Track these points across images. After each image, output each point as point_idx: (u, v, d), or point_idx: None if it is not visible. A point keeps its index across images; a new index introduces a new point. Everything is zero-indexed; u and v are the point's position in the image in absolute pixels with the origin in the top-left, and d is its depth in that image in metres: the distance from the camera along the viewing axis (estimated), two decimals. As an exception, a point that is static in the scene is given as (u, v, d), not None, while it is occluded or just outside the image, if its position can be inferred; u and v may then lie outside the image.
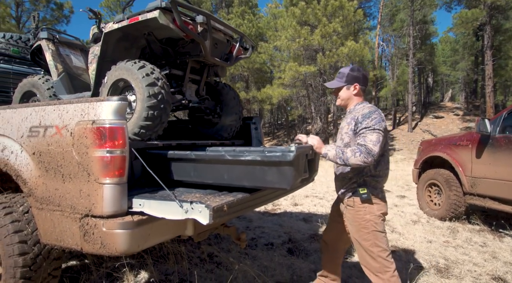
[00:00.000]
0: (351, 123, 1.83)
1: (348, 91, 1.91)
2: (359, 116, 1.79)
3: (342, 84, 1.91)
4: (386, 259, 1.79)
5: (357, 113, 1.83)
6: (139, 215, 1.64)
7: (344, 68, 1.97)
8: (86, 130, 1.62)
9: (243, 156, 1.63)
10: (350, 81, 1.90)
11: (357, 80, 1.89)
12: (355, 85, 1.90)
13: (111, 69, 2.16)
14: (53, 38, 2.70)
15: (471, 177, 3.99)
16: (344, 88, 1.92)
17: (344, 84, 1.91)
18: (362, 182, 1.84)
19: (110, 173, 1.60)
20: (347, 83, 1.90)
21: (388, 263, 1.78)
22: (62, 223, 1.72)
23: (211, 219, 1.41)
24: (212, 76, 2.75)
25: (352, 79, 1.90)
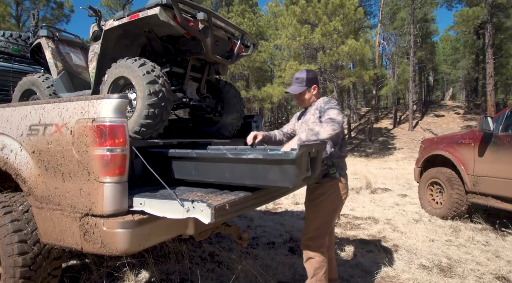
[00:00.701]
0: (316, 113, 2.08)
1: (310, 93, 2.17)
2: (321, 104, 2.08)
3: (304, 88, 2.14)
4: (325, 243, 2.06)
5: (319, 103, 2.12)
6: (140, 214, 1.62)
7: (299, 73, 2.20)
8: (86, 129, 1.60)
9: (245, 154, 1.60)
10: (309, 84, 2.15)
11: (314, 81, 2.17)
12: (313, 86, 2.17)
13: (111, 67, 2.14)
14: (53, 36, 2.67)
15: (474, 176, 3.97)
16: (306, 92, 2.16)
17: (305, 88, 2.15)
18: (331, 163, 2.08)
19: (110, 171, 1.58)
20: (307, 86, 2.15)
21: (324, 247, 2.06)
22: (62, 222, 1.70)
23: (212, 218, 1.39)
24: (213, 74, 2.72)
25: (310, 82, 2.15)
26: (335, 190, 2.06)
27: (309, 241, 2.08)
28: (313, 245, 2.07)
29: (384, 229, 3.76)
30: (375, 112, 24.73)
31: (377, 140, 22.74)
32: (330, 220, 2.10)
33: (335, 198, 2.07)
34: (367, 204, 5.28)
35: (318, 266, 2.02)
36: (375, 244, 3.28)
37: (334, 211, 2.10)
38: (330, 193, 2.06)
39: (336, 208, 2.10)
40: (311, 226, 2.10)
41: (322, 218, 2.07)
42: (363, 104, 34.54)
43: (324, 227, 2.08)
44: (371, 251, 3.10)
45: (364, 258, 2.90)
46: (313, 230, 2.08)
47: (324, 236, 2.08)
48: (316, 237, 2.07)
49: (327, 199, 2.06)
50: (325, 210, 2.07)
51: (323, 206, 2.06)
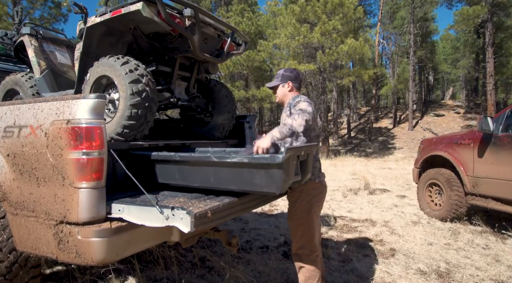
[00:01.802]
0: (287, 110, 2.08)
1: (283, 89, 2.16)
2: (290, 100, 2.09)
3: (277, 82, 2.16)
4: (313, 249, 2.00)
5: (289, 100, 2.11)
6: (118, 222, 1.53)
7: (280, 70, 2.23)
8: (60, 131, 1.51)
9: (229, 157, 1.51)
10: (284, 80, 2.14)
11: (290, 78, 2.15)
12: (288, 82, 2.14)
13: (94, 66, 2.04)
14: (36, 34, 2.58)
15: (473, 177, 3.87)
16: (280, 86, 2.16)
17: (279, 82, 2.15)
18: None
19: (86, 176, 1.49)
20: (282, 81, 2.15)
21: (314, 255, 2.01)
22: (37, 229, 1.61)
23: (192, 227, 1.30)
24: (203, 73, 2.63)
25: (285, 78, 2.15)
26: (307, 193, 1.99)
27: (298, 251, 2.02)
28: (302, 254, 2.00)
29: (381, 232, 3.67)
30: (375, 111, 24.62)
31: (377, 140, 22.64)
32: (310, 224, 2.01)
33: (307, 201, 1.99)
34: (365, 205, 5.19)
35: (309, 275, 1.94)
36: (371, 247, 3.19)
37: (310, 214, 2.01)
38: (303, 198, 1.99)
39: (310, 211, 2.00)
40: (296, 236, 2.04)
41: (302, 225, 2.00)
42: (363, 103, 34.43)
43: (308, 233, 2.01)
44: (368, 255, 3.01)
45: (360, 263, 2.81)
46: (299, 239, 2.02)
47: (311, 242, 2.01)
48: (303, 245, 2.00)
49: (300, 204, 2.00)
50: (301, 216, 2.00)
51: (299, 212, 2.00)
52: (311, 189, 2.00)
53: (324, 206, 5.07)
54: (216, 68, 2.59)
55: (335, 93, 22.06)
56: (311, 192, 2.00)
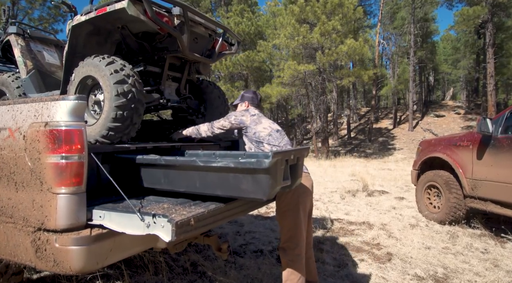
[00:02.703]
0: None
1: (241, 107, 2.42)
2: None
3: (237, 102, 2.47)
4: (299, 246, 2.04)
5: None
6: (99, 228, 1.47)
7: (244, 91, 2.52)
8: (38, 133, 1.45)
9: (215, 162, 1.45)
10: (242, 100, 2.44)
11: (247, 99, 2.42)
12: (245, 102, 2.42)
13: (79, 65, 1.98)
14: (23, 33, 2.52)
15: (472, 179, 3.80)
16: (239, 105, 2.45)
17: (238, 102, 2.46)
18: None
19: (65, 181, 1.42)
20: (240, 101, 2.45)
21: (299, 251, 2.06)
22: (15, 236, 1.55)
23: (173, 236, 1.23)
24: (194, 73, 2.56)
25: (244, 99, 2.43)
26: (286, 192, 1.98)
27: (284, 244, 2.04)
28: (288, 247, 2.01)
29: (378, 235, 3.60)
30: (375, 112, 24.54)
31: (376, 140, 22.56)
32: (296, 217, 2.02)
33: (292, 194, 2.00)
34: (363, 207, 5.12)
35: (292, 271, 1.95)
36: (368, 252, 3.12)
37: (297, 207, 2.03)
38: (283, 198, 2.03)
39: (296, 204, 2.02)
40: (283, 230, 2.08)
41: (288, 218, 2.03)
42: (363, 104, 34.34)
43: (294, 226, 2.02)
44: (363, 259, 2.94)
45: (355, 268, 2.74)
46: (285, 232, 2.06)
47: (297, 236, 2.01)
48: (289, 239, 2.02)
49: (285, 198, 2.02)
50: (287, 209, 2.03)
51: (285, 205, 2.04)
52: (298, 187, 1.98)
53: (321, 208, 5.02)
54: (208, 68, 2.53)
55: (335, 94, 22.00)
56: (299, 189, 2.00)
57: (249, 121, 2.17)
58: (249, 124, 2.16)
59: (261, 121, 2.18)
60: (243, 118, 2.19)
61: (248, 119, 2.18)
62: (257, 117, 2.20)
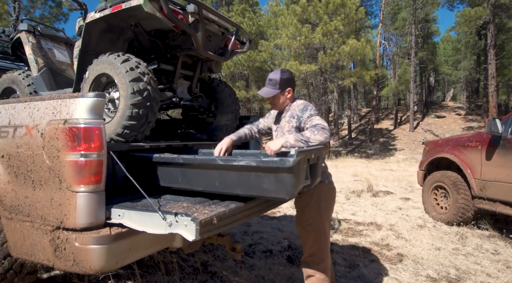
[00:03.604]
0: (292, 121, 1.91)
1: (283, 97, 1.97)
2: (297, 112, 1.90)
3: (276, 91, 1.94)
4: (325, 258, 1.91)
5: (294, 111, 1.93)
6: (118, 227, 1.45)
7: (273, 74, 1.99)
8: (57, 131, 1.43)
9: (236, 161, 1.43)
10: (283, 86, 1.94)
11: (289, 83, 1.97)
12: (288, 89, 1.96)
13: (93, 63, 1.96)
14: (34, 31, 2.50)
15: (481, 180, 3.79)
16: (280, 95, 1.96)
17: (278, 91, 1.94)
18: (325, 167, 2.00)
19: (84, 179, 1.40)
20: (281, 89, 1.94)
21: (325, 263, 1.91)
22: (32, 235, 1.53)
23: (197, 235, 1.22)
24: (206, 72, 2.54)
25: (284, 84, 1.95)
26: (317, 197, 1.88)
27: (307, 258, 1.90)
28: (312, 262, 1.88)
29: (387, 236, 3.58)
30: (375, 113, 24.54)
31: (377, 141, 22.55)
32: (322, 230, 1.89)
33: (317, 206, 1.87)
34: (369, 208, 5.10)
35: None
36: (378, 252, 3.11)
37: (321, 220, 1.89)
38: (313, 203, 1.88)
39: (321, 216, 1.89)
40: (307, 243, 1.91)
41: (314, 231, 1.88)
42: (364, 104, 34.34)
43: (319, 239, 1.89)
44: (374, 260, 2.92)
45: (367, 269, 2.72)
46: (310, 246, 1.89)
47: (323, 249, 1.89)
48: (314, 253, 1.88)
49: (311, 210, 1.88)
50: (312, 222, 1.88)
51: (310, 218, 1.88)
52: (321, 193, 1.89)
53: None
54: (220, 67, 2.51)
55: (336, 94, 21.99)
56: (322, 195, 1.89)
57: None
58: None
59: None
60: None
61: None
62: None
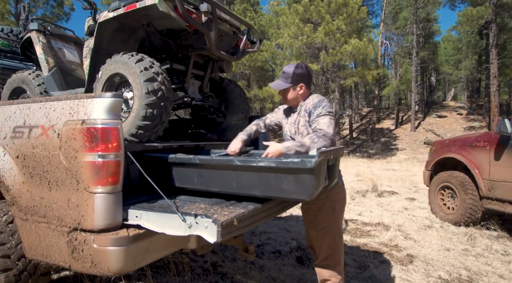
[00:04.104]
0: (305, 115, 1.84)
1: (295, 92, 1.86)
2: (310, 107, 1.81)
3: (288, 85, 1.83)
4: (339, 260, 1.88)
5: (308, 105, 1.84)
6: (135, 229, 1.44)
7: (287, 66, 1.88)
8: (75, 132, 1.42)
9: (254, 161, 1.42)
10: (295, 81, 1.84)
11: (302, 79, 1.85)
12: (300, 85, 1.85)
13: (106, 63, 1.95)
14: (44, 30, 2.49)
15: (489, 180, 3.77)
16: (290, 90, 1.85)
17: (289, 85, 1.84)
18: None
19: (102, 180, 1.39)
20: (292, 84, 1.84)
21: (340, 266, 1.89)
22: (48, 236, 1.52)
23: (219, 237, 1.20)
24: (217, 71, 2.53)
25: (297, 79, 1.84)
26: (331, 199, 1.82)
27: (322, 262, 1.86)
28: (327, 265, 1.84)
29: (395, 237, 3.57)
30: (377, 112, 24.52)
31: (379, 141, 22.53)
32: (337, 232, 1.86)
33: (332, 208, 1.83)
34: (375, 208, 5.09)
35: None
36: (388, 253, 3.09)
37: (336, 222, 1.86)
38: (327, 206, 1.82)
39: (336, 218, 1.85)
40: (322, 246, 1.85)
41: (329, 234, 1.84)
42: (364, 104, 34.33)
43: (337, 241, 1.86)
44: (384, 261, 2.91)
45: (377, 270, 2.71)
46: (325, 249, 1.84)
47: (339, 252, 1.87)
48: (329, 256, 1.84)
49: (325, 212, 1.82)
50: (327, 225, 1.83)
51: (325, 221, 1.83)
52: (335, 194, 1.86)
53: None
54: (231, 66, 2.50)
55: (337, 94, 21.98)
56: (335, 197, 1.86)
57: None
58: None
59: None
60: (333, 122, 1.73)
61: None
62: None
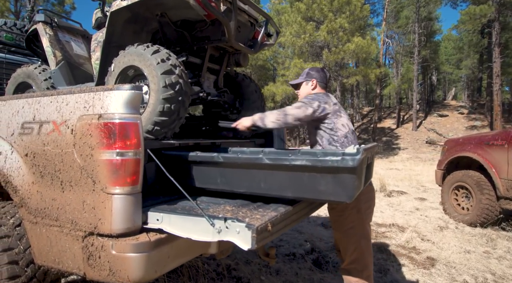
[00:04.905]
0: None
1: (307, 87, 1.99)
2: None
3: (302, 79, 2.02)
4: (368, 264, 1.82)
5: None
6: (156, 233, 1.32)
7: (308, 68, 2.07)
8: (91, 127, 1.30)
9: (287, 160, 1.30)
10: (309, 76, 2.00)
11: (316, 76, 1.99)
12: (313, 80, 1.98)
13: (119, 55, 1.83)
14: (51, 22, 2.36)
15: (508, 180, 3.66)
16: (303, 84, 2.01)
17: (303, 80, 2.01)
18: None
19: (120, 180, 1.27)
20: (306, 79, 2.00)
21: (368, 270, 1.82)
22: (60, 241, 1.40)
23: (254, 243, 1.08)
24: (233, 65, 2.41)
25: (311, 75, 2.00)
26: (357, 199, 1.68)
27: (348, 266, 1.77)
28: (354, 270, 1.75)
29: (412, 238, 3.46)
30: (378, 111, 24.43)
31: (380, 140, 22.43)
32: (363, 234, 1.77)
33: (357, 209, 1.75)
34: (386, 208, 4.98)
35: None
36: (406, 256, 2.98)
37: (362, 223, 1.77)
38: (352, 206, 1.72)
39: (361, 219, 1.77)
40: (348, 249, 1.77)
41: (355, 236, 1.75)
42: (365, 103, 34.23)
43: (362, 243, 1.76)
44: (404, 265, 2.80)
45: (398, 274, 2.60)
46: (352, 252, 1.76)
47: (366, 255, 1.77)
48: (356, 259, 1.75)
49: (351, 213, 1.74)
50: (353, 226, 1.75)
51: (350, 222, 1.75)
52: (361, 194, 1.73)
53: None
54: (248, 60, 2.38)
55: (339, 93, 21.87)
56: (361, 197, 1.74)
57: (331, 110, 1.75)
58: (331, 116, 1.75)
59: (341, 115, 1.79)
60: (326, 107, 1.74)
61: (330, 109, 1.76)
62: (338, 107, 1.82)
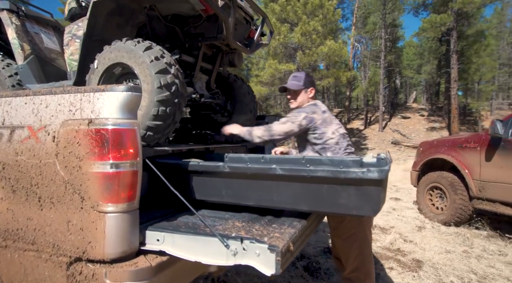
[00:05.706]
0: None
1: (305, 94, 1.94)
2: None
3: (301, 87, 1.92)
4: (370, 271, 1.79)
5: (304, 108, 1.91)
6: (157, 256, 1.16)
7: (297, 72, 2.03)
8: (78, 134, 1.10)
9: (305, 171, 1.19)
10: (307, 85, 1.94)
11: (312, 84, 1.96)
12: (311, 89, 1.95)
13: (104, 51, 1.62)
14: (18, 10, 2.07)
15: (480, 181, 3.85)
16: (302, 92, 1.94)
17: (303, 87, 1.92)
18: None
19: (115, 196, 1.10)
20: (305, 86, 1.93)
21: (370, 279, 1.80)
22: (38, 268, 1.18)
23: (278, 268, 0.96)
24: (226, 65, 2.26)
25: (309, 84, 1.94)
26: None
27: (350, 274, 1.72)
28: (357, 278, 1.70)
29: (395, 239, 3.51)
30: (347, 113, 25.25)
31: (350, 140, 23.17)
32: (364, 240, 1.73)
33: (354, 221, 1.70)
34: (364, 209, 5.06)
35: None
36: (394, 259, 3.01)
37: (363, 228, 1.72)
38: (347, 221, 1.70)
39: (361, 223, 1.71)
40: (350, 256, 1.72)
41: (356, 242, 1.70)
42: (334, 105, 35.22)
43: (365, 250, 1.72)
44: (393, 268, 2.82)
45: (389, 278, 2.60)
46: (353, 259, 1.71)
47: (367, 262, 1.73)
48: (357, 268, 1.71)
49: (352, 218, 1.68)
50: (354, 232, 1.70)
51: (351, 227, 1.71)
52: None
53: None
54: (242, 59, 2.25)
55: (310, 94, 22.31)
56: None
57: (320, 120, 1.74)
58: (319, 125, 1.73)
59: (331, 122, 1.78)
60: (314, 117, 1.73)
61: (319, 118, 1.74)
62: (328, 115, 1.80)
